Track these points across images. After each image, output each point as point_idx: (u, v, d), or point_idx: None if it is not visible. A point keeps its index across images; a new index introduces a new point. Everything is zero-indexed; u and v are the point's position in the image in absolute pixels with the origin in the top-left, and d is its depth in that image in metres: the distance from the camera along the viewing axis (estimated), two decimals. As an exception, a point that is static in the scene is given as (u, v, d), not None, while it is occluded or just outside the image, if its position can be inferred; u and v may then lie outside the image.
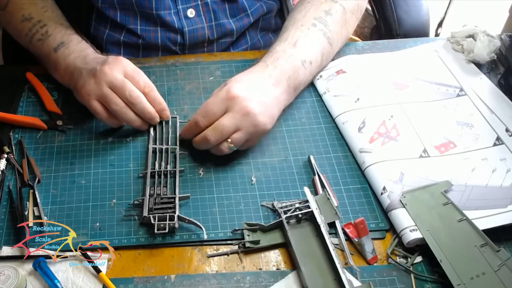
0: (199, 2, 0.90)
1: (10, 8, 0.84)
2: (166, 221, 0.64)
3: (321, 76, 0.84)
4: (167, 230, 0.64)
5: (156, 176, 0.71)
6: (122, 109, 0.72)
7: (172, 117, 0.78)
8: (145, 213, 0.66)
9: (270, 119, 0.71)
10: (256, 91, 0.71)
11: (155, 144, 0.75)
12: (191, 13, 0.90)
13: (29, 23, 0.82)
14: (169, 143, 0.75)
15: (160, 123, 0.77)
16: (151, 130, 0.76)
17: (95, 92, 0.72)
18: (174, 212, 0.66)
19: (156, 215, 0.65)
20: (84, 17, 0.92)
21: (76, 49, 0.79)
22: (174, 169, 0.72)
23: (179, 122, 0.78)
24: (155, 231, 0.64)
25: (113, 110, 0.72)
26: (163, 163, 0.73)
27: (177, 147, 0.75)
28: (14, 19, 0.83)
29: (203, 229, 0.65)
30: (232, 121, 0.69)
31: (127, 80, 0.72)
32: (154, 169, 0.72)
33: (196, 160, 0.74)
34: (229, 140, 0.70)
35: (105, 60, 0.73)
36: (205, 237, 0.65)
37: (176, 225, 0.65)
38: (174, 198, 0.68)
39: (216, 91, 0.73)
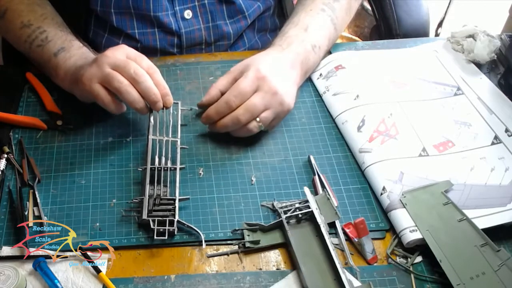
0: (196, 3, 0.90)
1: (8, 15, 0.83)
2: (165, 225, 0.64)
3: (320, 74, 0.84)
4: (166, 237, 0.63)
5: (156, 174, 0.69)
6: (126, 87, 0.68)
7: (174, 102, 0.74)
8: (144, 216, 0.65)
9: (293, 99, 0.74)
10: (279, 73, 0.73)
11: (155, 135, 0.72)
12: (188, 14, 0.90)
13: (28, 30, 0.80)
14: (170, 135, 0.73)
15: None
16: (151, 118, 0.72)
17: (96, 75, 0.69)
18: (174, 216, 0.65)
19: (156, 219, 0.64)
20: (83, 22, 0.92)
21: (77, 53, 0.78)
22: (175, 166, 0.71)
23: (181, 109, 0.77)
24: (155, 236, 0.63)
25: (116, 88, 0.68)
26: (163, 158, 0.71)
27: (178, 140, 0.73)
28: (13, 26, 0.82)
29: (202, 236, 0.64)
30: (262, 100, 0.71)
31: (130, 60, 0.70)
32: (154, 164, 0.70)
33: (196, 160, 0.74)
34: (257, 119, 0.71)
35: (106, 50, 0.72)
36: (204, 245, 0.64)
37: (176, 231, 0.65)
38: (174, 200, 0.67)
39: (236, 69, 0.74)
